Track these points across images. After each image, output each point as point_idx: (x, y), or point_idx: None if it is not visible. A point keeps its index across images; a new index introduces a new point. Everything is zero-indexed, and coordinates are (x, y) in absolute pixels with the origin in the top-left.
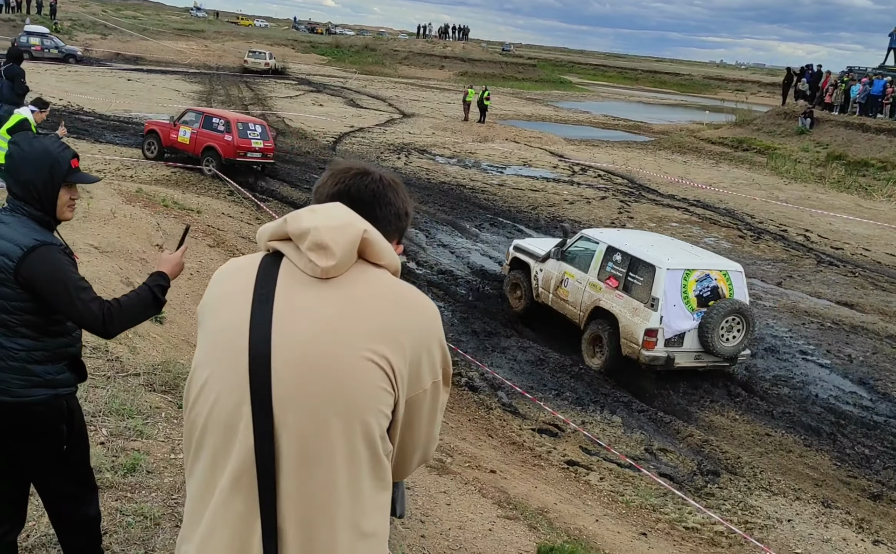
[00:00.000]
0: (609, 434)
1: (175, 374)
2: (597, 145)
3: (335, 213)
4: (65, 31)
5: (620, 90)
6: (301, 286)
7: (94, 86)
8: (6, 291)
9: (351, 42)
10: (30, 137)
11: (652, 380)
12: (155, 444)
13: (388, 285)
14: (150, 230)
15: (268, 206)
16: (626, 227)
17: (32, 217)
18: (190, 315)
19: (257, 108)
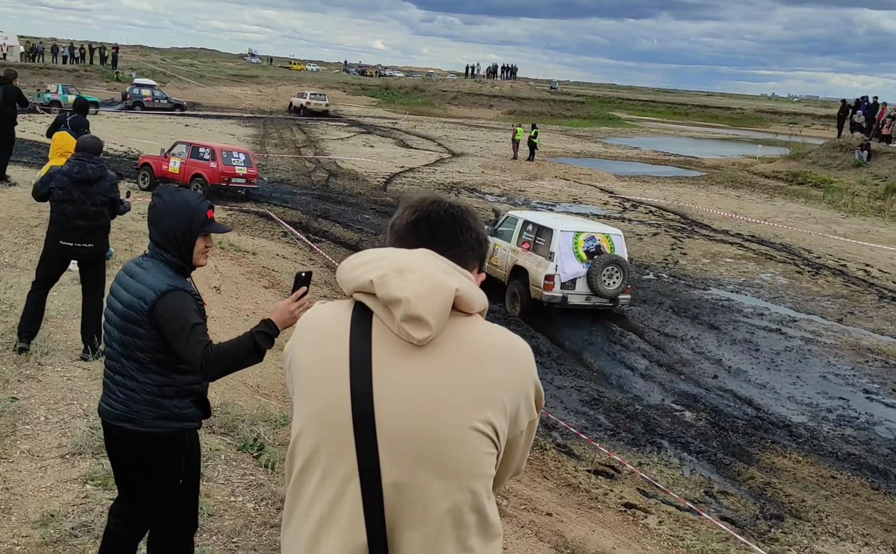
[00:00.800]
0: (667, 476)
1: (234, 416)
2: (647, 181)
3: (424, 275)
4: (125, 79)
5: (670, 125)
6: (397, 354)
7: (153, 132)
8: (140, 331)
9: (400, 83)
10: (171, 190)
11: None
12: (215, 486)
13: (484, 340)
14: (207, 273)
15: (321, 246)
16: (679, 263)
17: (169, 263)
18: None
19: (310, 151)
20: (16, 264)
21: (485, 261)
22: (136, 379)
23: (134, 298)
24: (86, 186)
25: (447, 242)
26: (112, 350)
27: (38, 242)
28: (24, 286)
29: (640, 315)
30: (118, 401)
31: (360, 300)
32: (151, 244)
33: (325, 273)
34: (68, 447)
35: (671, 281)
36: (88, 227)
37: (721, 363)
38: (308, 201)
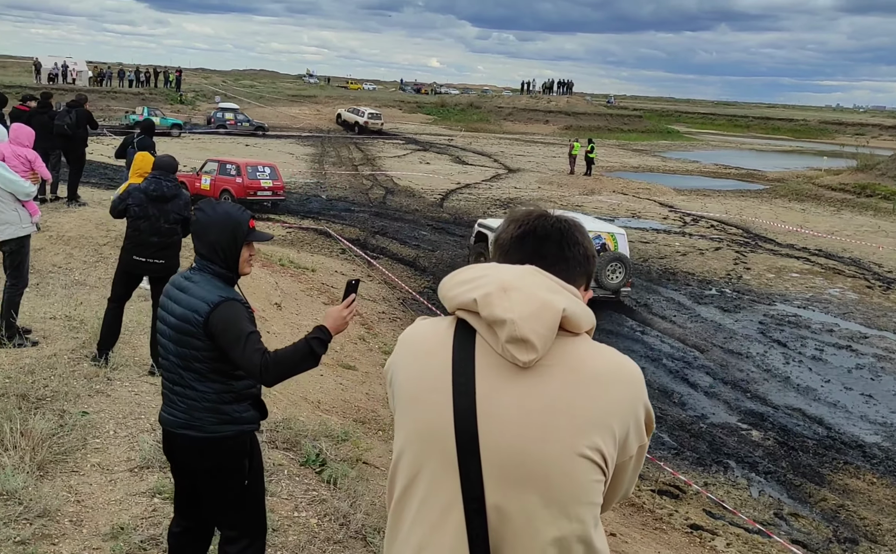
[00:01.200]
0: (734, 497)
1: (296, 431)
2: (708, 195)
3: (529, 294)
4: (188, 101)
5: (731, 138)
6: (502, 375)
7: (214, 152)
8: (197, 343)
9: (456, 100)
10: (213, 203)
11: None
12: (279, 501)
13: (592, 362)
14: (269, 289)
15: (379, 263)
16: (743, 278)
17: (217, 275)
18: (307, 372)
19: (367, 168)
20: (85, 282)
21: (591, 277)
22: (195, 388)
23: (187, 311)
24: (161, 204)
25: (553, 258)
26: (169, 363)
27: (106, 261)
28: (94, 303)
29: (701, 331)
30: (180, 410)
31: (462, 318)
32: (197, 257)
33: (383, 289)
34: (136, 461)
35: (735, 296)
36: (161, 243)
37: (789, 381)
38: (365, 218)
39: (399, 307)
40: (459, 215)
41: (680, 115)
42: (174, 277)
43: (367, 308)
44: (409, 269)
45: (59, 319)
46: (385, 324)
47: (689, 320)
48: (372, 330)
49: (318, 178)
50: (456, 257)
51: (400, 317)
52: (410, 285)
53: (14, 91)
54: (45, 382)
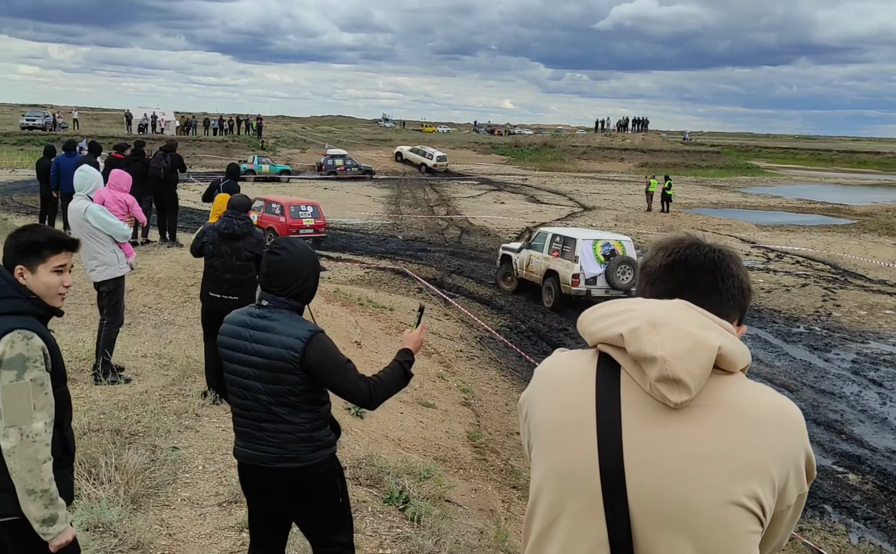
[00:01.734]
0: (833, 543)
1: (379, 468)
2: (792, 230)
3: (681, 330)
4: (269, 148)
5: (814, 172)
6: (650, 414)
7: (294, 196)
8: (293, 378)
9: (529, 141)
10: (290, 241)
11: None
12: (364, 538)
13: (748, 404)
14: (349, 328)
15: (456, 301)
16: (833, 315)
17: (293, 309)
18: (387, 410)
19: (442, 209)
20: (174, 321)
21: (746, 312)
22: (289, 421)
23: (280, 349)
24: (233, 241)
25: (706, 291)
26: (255, 401)
27: (193, 301)
28: (182, 342)
29: (790, 370)
30: (272, 445)
31: (605, 353)
32: (270, 295)
33: (460, 327)
34: (225, 495)
35: (825, 334)
36: (234, 280)
37: (887, 422)
38: (442, 258)
39: (476, 346)
40: None
41: (760, 150)
42: (237, 316)
43: (445, 347)
44: (485, 307)
45: (150, 357)
46: (463, 362)
47: (776, 359)
48: (450, 368)
49: (395, 219)
50: (532, 296)
51: (477, 355)
52: (488, 323)
53: (107, 141)
54: (138, 417)
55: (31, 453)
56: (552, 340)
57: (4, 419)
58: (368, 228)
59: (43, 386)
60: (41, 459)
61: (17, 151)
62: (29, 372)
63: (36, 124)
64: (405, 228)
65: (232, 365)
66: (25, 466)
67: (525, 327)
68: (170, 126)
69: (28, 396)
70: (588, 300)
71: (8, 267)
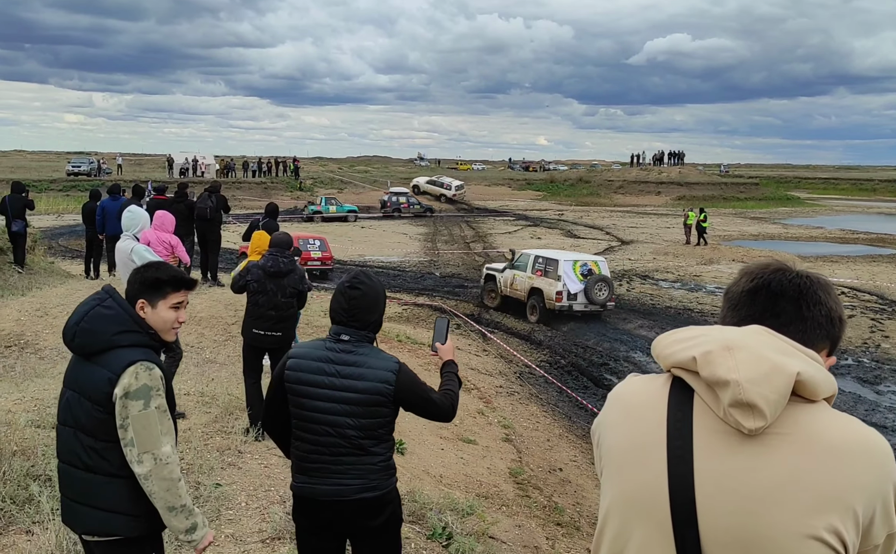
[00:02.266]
0: None
1: (421, 504)
2: (836, 261)
3: (757, 354)
4: (307, 188)
5: (856, 202)
6: (723, 441)
7: (332, 235)
8: (385, 411)
9: (565, 176)
10: (367, 275)
11: None
12: None
13: (830, 432)
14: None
15: (495, 336)
16: (882, 346)
17: (372, 341)
18: (428, 446)
19: (478, 245)
20: (216, 360)
21: (837, 342)
22: (374, 453)
23: (375, 383)
24: (277, 279)
25: (788, 318)
26: (337, 438)
27: (234, 339)
28: (224, 380)
29: (839, 404)
30: (353, 477)
31: (679, 377)
32: (352, 330)
33: (499, 363)
34: (268, 532)
35: (874, 366)
36: (278, 316)
37: None
38: (479, 293)
39: (516, 381)
40: None
41: (799, 181)
42: (313, 352)
43: (485, 383)
44: (524, 342)
45: (193, 395)
46: (503, 398)
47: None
48: (490, 404)
49: (431, 256)
50: (572, 330)
51: (517, 391)
52: (527, 358)
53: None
54: (181, 454)
55: (167, 474)
56: (592, 375)
57: (137, 447)
58: (406, 266)
59: (166, 412)
60: (175, 477)
61: (63, 197)
62: (153, 400)
63: (81, 171)
64: (442, 265)
65: (314, 402)
66: (163, 487)
67: (565, 362)
68: (210, 169)
69: (156, 423)
70: (570, 314)
71: (130, 300)
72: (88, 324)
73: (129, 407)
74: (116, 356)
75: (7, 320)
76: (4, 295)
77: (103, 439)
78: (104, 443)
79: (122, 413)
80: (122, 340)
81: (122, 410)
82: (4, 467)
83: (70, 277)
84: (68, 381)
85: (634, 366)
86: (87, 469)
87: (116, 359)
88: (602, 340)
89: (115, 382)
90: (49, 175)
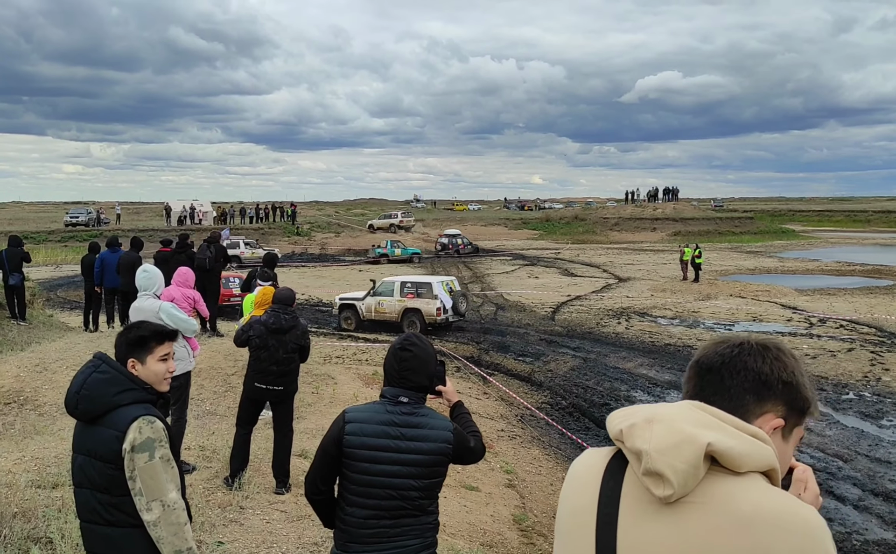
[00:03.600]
0: None
1: None
2: (833, 293)
3: (672, 427)
4: (304, 233)
5: (851, 234)
6: (645, 510)
7: (330, 279)
8: (444, 470)
9: (560, 214)
10: (420, 337)
11: None
12: None
13: (744, 504)
14: None
15: (495, 379)
16: (883, 380)
17: (425, 401)
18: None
19: (476, 286)
20: (216, 411)
21: (798, 404)
22: (430, 512)
23: (439, 444)
24: (279, 335)
25: (713, 388)
26: (400, 501)
27: (234, 390)
28: (224, 432)
29: (842, 439)
30: (413, 537)
31: (620, 448)
32: (411, 392)
33: (500, 406)
34: None
35: (875, 400)
36: (280, 371)
37: None
38: (478, 335)
39: (517, 424)
40: (572, 328)
41: (794, 213)
42: (375, 415)
43: (487, 426)
44: (524, 384)
45: (193, 448)
46: (505, 442)
47: (827, 427)
48: (492, 448)
49: None
50: (573, 370)
51: (519, 434)
52: (528, 401)
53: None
54: None
55: (174, 519)
56: (594, 416)
57: (146, 495)
58: None
59: (169, 461)
60: (182, 522)
61: (62, 248)
62: (157, 451)
63: (79, 221)
64: None
65: (378, 466)
66: (171, 531)
67: (566, 403)
68: (207, 217)
69: (161, 472)
70: (447, 326)
71: (121, 361)
72: (88, 391)
73: (136, 459)
74: (119, 415)
75: (6, 376)
76: (3, 350)
77: (118, 494)
78: (119, 497)
79: (129, 466)
80: (123, 399)
81: (130, 463)
82: (5, 530)
83: (69, 330)
84: (77, 446)
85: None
86: (107, 523)
87: (120, 417)
88: (603, 380)
89: (122, 439)
90: (47, 226)
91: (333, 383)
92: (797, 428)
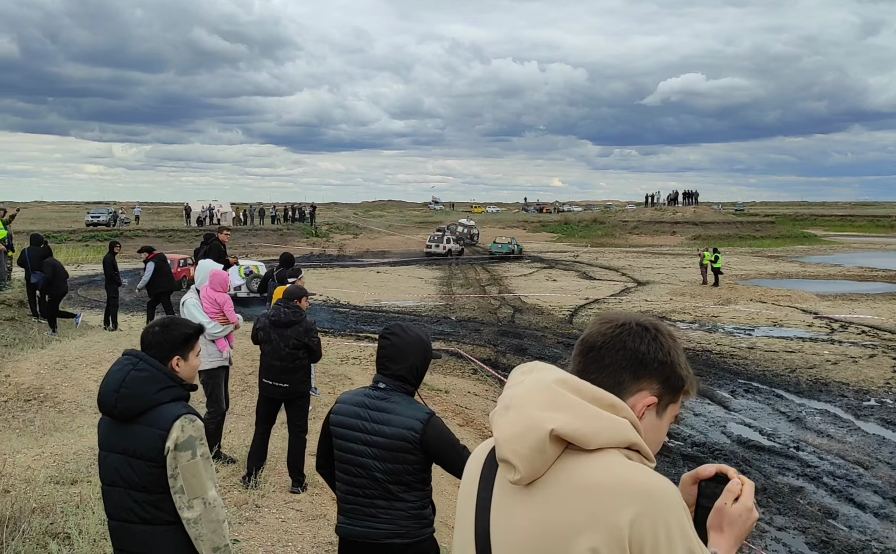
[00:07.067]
0: None
1: None
2: (855, 299)
3: (521, 413)
4: (323, 234)
5: (874, 239)
6: (511, 493)
7: (348, 281)
8: (410, 457)
9: (579, 217)
10: (404, 327)
11: None
12: None
13: (592, 475)
14: None
15: None
16: None
17: (408, 392)
18: (445, 495)
19: (494, 288)
20: (233, 410)
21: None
22: (403, 499)
23: (401, 430)
24: (280, 329)
25: (595, 366)
26: (371, 479)
27: (252, 389)
28: (242, 431)
29: (864, 446)
30: (384, 522)
31: None
32: (388, 379)
33: None
34: None
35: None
36: (283, 367)
37: None
38: (495, 338)
39: None
40: None
41: (816, 218)
42: (353, 397)
43: None
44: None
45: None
46: None
47: (847, 434)
48: None
49: (447, 300)
50: None
51: None
52: None
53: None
54: None
55: (214, 516)
56: None
57: (187, 493)
58: (422, 310)
59: (209, 459)
60: (221, 519)
61: (83, 247)
62: (199, 449)
63: (100, 221)
64: (458, 309)
65: (348, 444)
66: (211, 528)
67: None
68: (226, 217)
69: (202, 470)
70: (234, 298)
71: (163, 359)
72: (129, 388)
73: (179, 458)
74: (161, 413)
75: (27, 374)
76: (24, 348)
77: (158, 492)
78: (158, 495)
79: (172, 464)
80: (163, 396)
81: (173, 461)
82: (24, 525)
83: (89, 329)
84: (107, 444)
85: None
86: (144, 522)
87: (162, 415)
88: None
89: (166, 437)
90: (69, 226)
91: (350, 384)
92: (672, 405)
